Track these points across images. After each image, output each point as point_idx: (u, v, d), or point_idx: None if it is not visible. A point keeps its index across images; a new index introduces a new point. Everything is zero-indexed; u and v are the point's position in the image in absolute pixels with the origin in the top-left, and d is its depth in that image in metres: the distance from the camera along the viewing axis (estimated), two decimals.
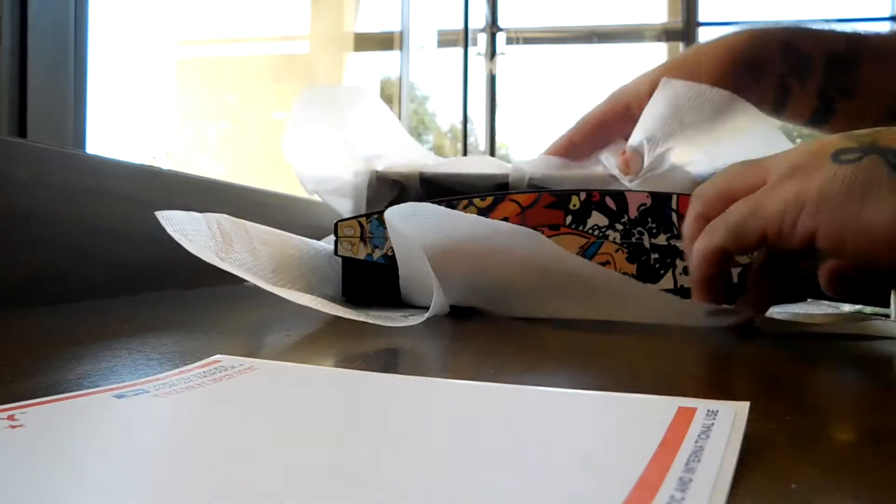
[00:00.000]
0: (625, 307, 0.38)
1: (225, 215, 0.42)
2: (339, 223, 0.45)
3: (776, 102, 0.53)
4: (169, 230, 0.37)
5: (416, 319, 0.36)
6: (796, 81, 0.53)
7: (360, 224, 0.44)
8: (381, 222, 0.44)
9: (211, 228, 0.40)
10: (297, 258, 0.45)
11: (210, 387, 0.20)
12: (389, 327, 0.34)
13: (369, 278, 0.45)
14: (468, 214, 0.38)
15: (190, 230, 0.38)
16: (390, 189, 0.53)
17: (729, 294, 0.35)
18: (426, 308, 0.38)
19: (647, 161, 0.48)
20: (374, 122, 0.57)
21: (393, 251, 0.44)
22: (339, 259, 0.45)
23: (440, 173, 0.52)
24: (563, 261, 0.36)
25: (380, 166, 0.54)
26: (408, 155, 0.56)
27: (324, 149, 0.54)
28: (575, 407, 0.19)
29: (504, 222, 0.38)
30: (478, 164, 0.55)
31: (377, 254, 0.44)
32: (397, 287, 0.44)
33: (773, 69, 0.52)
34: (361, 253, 0.44)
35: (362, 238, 0.44)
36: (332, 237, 0.46)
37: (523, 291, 0.39)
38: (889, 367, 0.30)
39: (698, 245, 0.33)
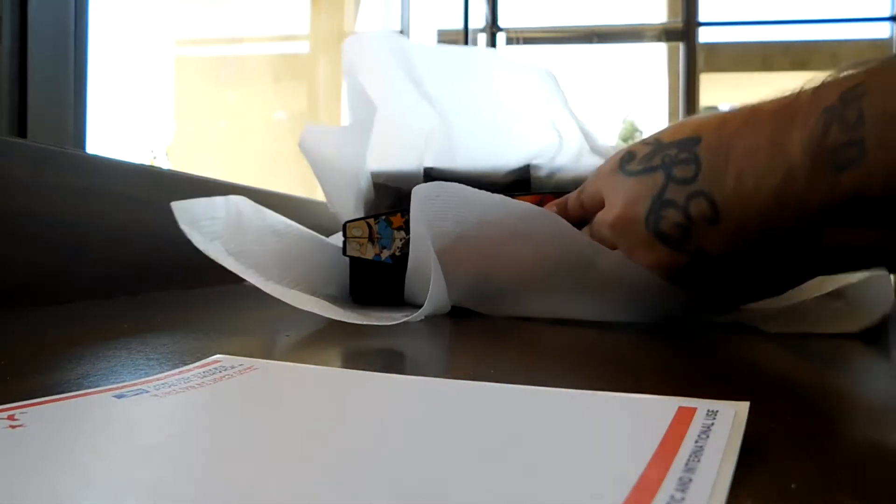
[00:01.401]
0: (642, 303, 0.37)
1: (247, 199, 0.42)
2: (348, 224, 0.45)
3: None
4: (180, 222, 0.37)
5: (414, 317, 0.36)
6: None
7: (369, 225, 0.44)
8: (390, 223, 0.44)
9: (228, 213, 0.40)
10: (304, 255, 0.45)
11: (210, 387, 0.20)
12: (389, 327, 0.34)
13: (377, 278, 0.45)
14: (492, 194, 0.37)
15: (205, 219, 0.38)
16: (388, 195, 0.52)
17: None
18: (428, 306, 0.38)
19: None
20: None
21: (401, 251, 0.44)
22: (346, 258, 0.45)
23: (446, 170, 0.51)
24: (582, 247, 0.35)
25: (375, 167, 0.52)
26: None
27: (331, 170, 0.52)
28: (575, 407, 0.19)
29: (527, 203, 0.37)
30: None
31: (385, 254, 0.44)
32: (403, 287, 0.44)
33: None
34: (369, 253, 0.44)
35: (370, 239, 0.44)
36: (339, 235, 0.46)
37: (536, 286, 0.39)
38: (888, 367, 0.30)
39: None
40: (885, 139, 0.25)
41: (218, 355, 0.23)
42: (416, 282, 0.42)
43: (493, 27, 3.35)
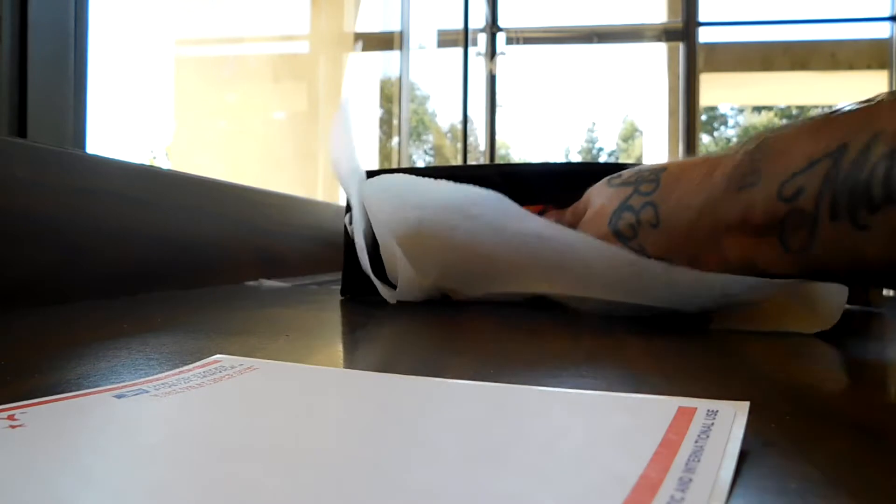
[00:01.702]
0: (596, 276, 0.39)
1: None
2: None
3: None
4: (338, 118, 0.40)
5: (391, 298, 0.37)
6: None
7: None
8: None
9: (354, 166, 0.44)
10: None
11: (210, 387, 0.20)
12: (390, 326, 0.34)
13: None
14: (438, 181, 0.40)
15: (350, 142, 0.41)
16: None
17: None
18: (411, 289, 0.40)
19: None
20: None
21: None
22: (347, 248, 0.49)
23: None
24: (530, 223, 0.39)
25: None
26: None
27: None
28: (575, 407, 0.19)
29: (471, 186, 0.40)
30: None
31: None
32: None
33: None
34: None
35: None
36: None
37: (495, 265, 0.41)
38: (887, 367, 0.30)
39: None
40: (774, 171, 0.32)
41: (218, 355, 0.23)
42: (389, 264, 0.46)
43: (493, 27, 3.35)
